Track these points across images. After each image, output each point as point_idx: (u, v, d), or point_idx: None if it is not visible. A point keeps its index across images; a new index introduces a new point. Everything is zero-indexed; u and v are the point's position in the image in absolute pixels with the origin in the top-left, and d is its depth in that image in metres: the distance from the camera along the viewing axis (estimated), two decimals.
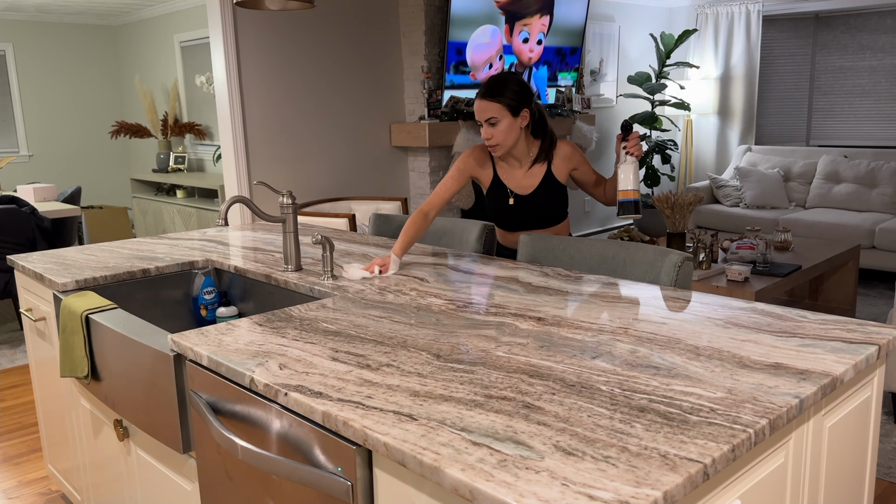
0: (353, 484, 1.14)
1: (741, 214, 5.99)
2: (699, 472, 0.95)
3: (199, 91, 7.16)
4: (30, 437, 3.26)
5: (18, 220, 4.47)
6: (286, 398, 1.25)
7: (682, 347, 1.40)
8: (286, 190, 2.18)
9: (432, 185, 5.12)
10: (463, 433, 1.07)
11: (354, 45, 4.81)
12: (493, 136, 2.26)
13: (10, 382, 3.93)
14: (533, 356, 1.37)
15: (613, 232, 5.47)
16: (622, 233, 4.85)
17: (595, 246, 2.19)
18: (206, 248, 2.59)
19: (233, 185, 4.35)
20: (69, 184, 8.18)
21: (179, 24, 7.24)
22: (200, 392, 1.52)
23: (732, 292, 3.55)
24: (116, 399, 1.86)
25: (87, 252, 2.56)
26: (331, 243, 2.03)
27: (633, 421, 1.09)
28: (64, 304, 2.00)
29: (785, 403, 1.13)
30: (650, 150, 6.62)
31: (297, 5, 2.31)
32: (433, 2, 4.93)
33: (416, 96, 5.07)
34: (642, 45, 7.23)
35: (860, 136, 6.45)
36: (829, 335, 1.44)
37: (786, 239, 4.31)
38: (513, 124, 2.26)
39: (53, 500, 2.74)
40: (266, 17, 4.35)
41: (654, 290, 1.83)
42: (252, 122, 4.34)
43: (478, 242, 2.51)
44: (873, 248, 5.32)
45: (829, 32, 6.50)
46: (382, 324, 1.62)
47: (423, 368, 1.33)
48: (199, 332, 1.60)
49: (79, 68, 8.12)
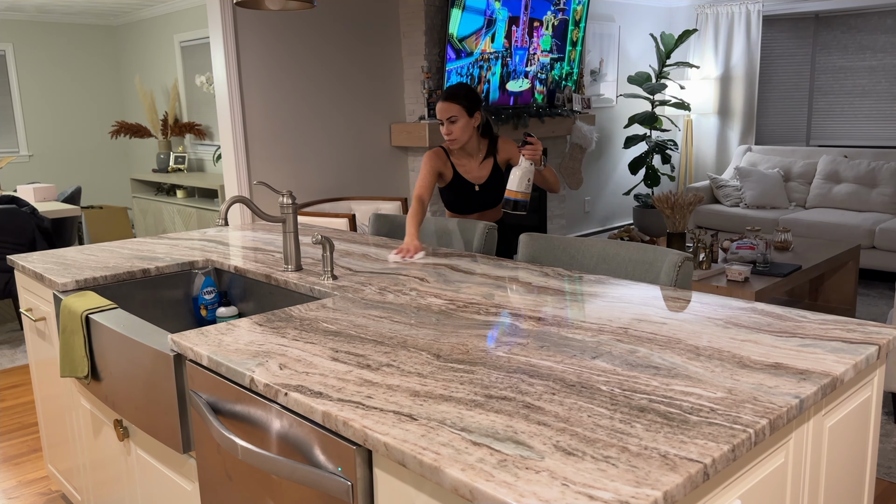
0: (353, 484, 1.14)
1: (741, 214, 5.99)
2: (699, 472, 0.95)
3: (199, 91, 7.16)
4: (30, 437, 3.26)
5: (18, 220, 4.47)
6: (286, 398, 1.25)
7: (682, 347, 1.40)
8: (286, 190, 2.18)
9: None
10: (463, 433, 1.07)
11: (354, 45, 4.82)
12: (453, 131, 2.78)
13: (10, 382, 3.93)
14: (533, 356, 1.37)
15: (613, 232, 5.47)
16: (622, 233, 4.84)
17: (595, 246, 2.19)
18: (206, 248, 2.59)
19: (233, 185, 4.35)
20: (69, 184, 8.18)
21: (179, 24, 7.24)
22: (200, 392, 1.52)
23: (732, 292, 3.55)
24: (116, 399, 1.86)
25: (87, 252, 2.56)
26: (331, 243, 2.03)
27: (633, 421, 1.09)
28: (64, 304, 2.00)
29: (785, 403, 1.13)
30: (650, 149, 6.62)
31: (297, 5, 2.31)
32: (433, 2, 4.93)
33: (416, 96, 5.07)
34: (642, 45, 7.23)
35: (860, 136, 6.45)
36: (829, 335, 1.44)
37: (786, 239, 4.31)
38: (468, 123, 2.79)
39: (53, 500, 2.74)
40: (266, 17, 4.35)
41: (654, 290, 1.83)
42: (252, 122, 4.34)
43: (478, 242, 2.51)
44: (873, 248, 5.32)
45: (829, 32, 6.50)
46: (382, 324, 1.62)
47: (423, 368, 1.33)
48: (199, 332, 1.60)
49: (79, 68, 8.12)
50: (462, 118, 2.77)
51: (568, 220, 6.81)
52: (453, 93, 2.78)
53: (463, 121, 2.77)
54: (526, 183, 2.37)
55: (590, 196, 7.01)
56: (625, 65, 7.07)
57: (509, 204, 2.39)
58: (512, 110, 5.47)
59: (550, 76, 5.84)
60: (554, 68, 5.85)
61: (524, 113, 5.53)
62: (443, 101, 2.78)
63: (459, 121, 2.77)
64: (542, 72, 5.75)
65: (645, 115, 6.58)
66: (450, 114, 2.77)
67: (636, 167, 6.71)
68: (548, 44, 5.69)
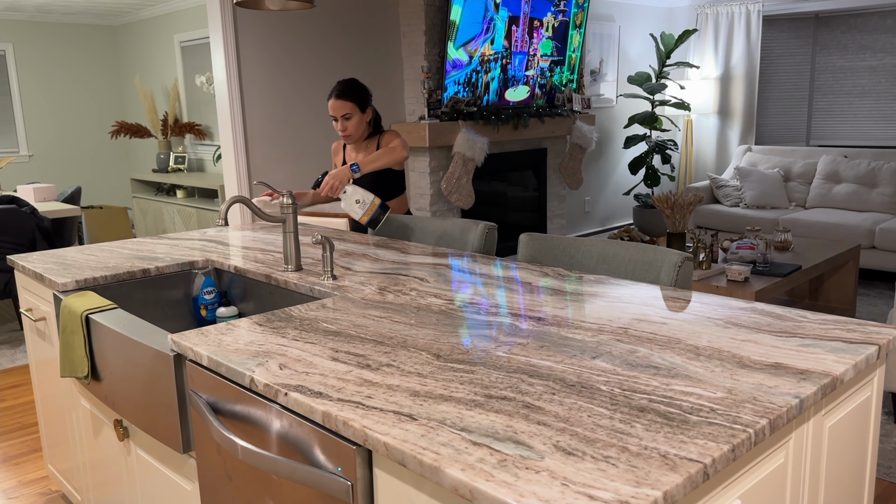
0: (353, 484, 1.14)
1: (741, 214, 5.99)
2: (699, 472, 0.95)
3: (199, 91, 7.16)
4: (30, 437, 3.26)
5: (18, 220, 4.47)
6: (286, 398, 1.25)
7: (682, 347, 1.40)
8: (286, 190, 2.18)
9: (432, 184, 5.13)
10: (463, 433, 1.07)
11: (354, 44, 4.82)
12: (347, 128, 2.91)
13: (10, 382, 3.93)
14: (533, 356, 1.37)
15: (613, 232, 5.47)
16: (622, 233, 4.84)
17: (595, 246, 2.19)
18: (206, 248, 2.59)
19: (233, 185, 4.35)
20: (69, 184, 8.18)
21: (179, 24, 7.24)
22: (200, 392, 1.52)
23: (732, 292, 3.55)
24: (116, 399, 1.86)
25: (87, 252, 2.56)
26: (331, 243, 2.03)
27: (633, 421, 1.09)
28: (64, 304, 2.00)
29: (785, 403, 1.13)
30: (650, 149, 6.62)
31: (297, 5, 2.31)
32: (433, 2, 4.93)
33: (416, 96, 5.07)
34: (642, 45, 7.23)
35: (860, 136, 6.45)
36: (829, 335, 1.44)
37: (786, 239, 4.31)
38: (361, 119, 2.92)
39: (53, 500, 2.74)
40: (266, 17, 4.35)
41: (654, 290, 1.83)
42: (252, 122, 4.34)
43: (478, 242, 2.51)
44: (873, 248, 5.32)
45: (829, 32, 6.50)
46: (382, 324, 1.62)
47: (423, 368, 1.33)
48: (199, 332, 1.60)
49: (79, 68, 8.12)
50: (356, 115, 2.88)
51: (568, 220, 6.81)
52: (346, 90, 2.86)
53: (357, 117, 2.89)
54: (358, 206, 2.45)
55: (590, 196, 7.01)
56: (625, 65, 7.07)
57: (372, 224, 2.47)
58: (512, 110, 5.47)
59: (550, 82, 5.84)
60: (554, 73, 5.85)
61: (524, 113, 5.54)
62: (336, 98, 2.87)
63: (353, 117, 2.88)
64: (542, 76, 5.74)
65: (645, 115, 6.58)
66: (344, 111, 2.87)
67: (636, 167, 6.71)
68: (548, 48, 5.69)
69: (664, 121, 7.53)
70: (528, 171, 5.96)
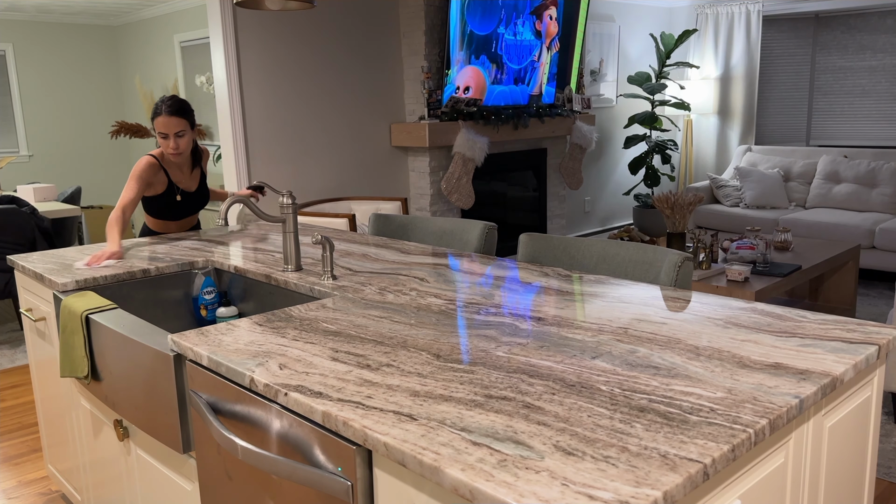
0: (353, 484, 1.14)
1: (741, 214, 5.99)
2: (699, 472, 0.95)
3: (199, 91, 7.16)
4: (30, 437, 3.26)
5: (18, 220, 4.47)
6: (286, 398, 1.25)
7: (682, 347, 1.40)
8: (286, 190, 2.18)
9: (432, 184, 5.12)
10: (463, 433, 1.07)
11: (354, 45, 4.81)
12: (180, 145, 2.85)
13: (10, 382, 3.93)
14: (533, 356, 1.37)
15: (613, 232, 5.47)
16: (622, 233, 4.84)
17: (595, 246, 2.19)
18: (206, 248, 2.59)
19: (233, 186, 4.36)
20: (69, 184, 8.18)
21: (179, 24, 7.24)
22: (200, 392, 1.52)
23: (732, 292, 3.55)
24: (116, 399, 1.86)
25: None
26: (331, 243, 2.03)
27: (633, 421, 1.09)
28: (64, 304, 2.00)
29: (785, 403, 1.13)
30: (650, 149, 6.62)
31: (297, 5, 2.31)
32: (433, 2, 4.93)
33: (416, 96, 5.07)
34: (642, 45, 7.23)
35: (860, 136, 6.45)
36: (829, 335, 1.44)
37: (786, 239, 4.31)
38: (191, 137, 2.91)
39: (53, 500, 2.74)
40: (266, 17, 4.35)
41: (654, 290, 1.83)
42: (252, 122, 4.34)
43: (478, 242, 2.51)
44: (873, 248, 5.32)
45: (829, 32, 6.50)
46: (382, 324, 1.62)
47: (423, 368, 1.33)
48: (199, 332, 1.60)
49: (79, 68, 8.12)
50: (188, 132, 2.87)
51: (568, 220, 6.81)
52: (180, 108, 2.86)
53: (189, 135, 2.88)
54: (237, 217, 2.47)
55: (590, 196, 7.01)
56: (625, 65, 7.07)
57: None
58: (512, 110, 5.47)
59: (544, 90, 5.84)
60: (553, 79, 5.85)
61: (524, 113, 5.54)
62: (170, 115, 2.83)
63: (186, 135, 2.86)
64: (541, 81, 5.74)
65: (645, 115, 6.58)
66: (179, 128, 2.83)
67: (636, 167, 6.71)
68: (548, 57, 5.69)
69: (664, 121, 7.53)
70: (528, 171, 5.96)
